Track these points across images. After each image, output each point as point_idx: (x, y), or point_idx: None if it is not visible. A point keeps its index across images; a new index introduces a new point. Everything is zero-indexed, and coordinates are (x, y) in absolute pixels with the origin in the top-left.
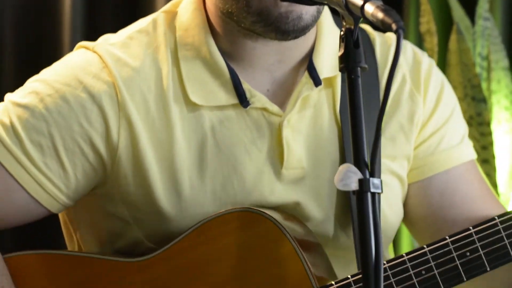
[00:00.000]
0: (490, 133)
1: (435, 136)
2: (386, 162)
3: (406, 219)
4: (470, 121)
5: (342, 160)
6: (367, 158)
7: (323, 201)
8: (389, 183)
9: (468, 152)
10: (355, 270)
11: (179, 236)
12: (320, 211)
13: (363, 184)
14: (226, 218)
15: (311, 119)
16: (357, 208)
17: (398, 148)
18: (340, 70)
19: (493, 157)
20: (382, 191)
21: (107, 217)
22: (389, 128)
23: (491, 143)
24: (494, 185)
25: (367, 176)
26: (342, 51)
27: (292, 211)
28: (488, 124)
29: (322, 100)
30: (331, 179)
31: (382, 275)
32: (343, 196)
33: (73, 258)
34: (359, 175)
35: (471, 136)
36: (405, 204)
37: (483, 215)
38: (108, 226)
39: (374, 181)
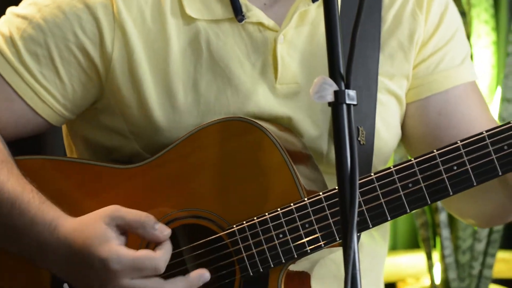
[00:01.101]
0: (469, 47)
1: (435, 56)
2: (383, 80)
3: (404, 139)
4: None
5: None
6: (343, 70)
7: (317, 118)
8: (385, 102)
9: (468, 73)
10: None
11: (171, 145)
12: (313, 127)
13: (338, 95)
14: (216, 127)
15: (308, 36)
16: (332, 119)
17: (396, 66)
18: None
19: None
20: (357, 103)
21: (107, 132)
22: (388, 46)
23: (470, 57)
24: None
25: (343, 87)
26: None
27: (286, 126)
28: (467, 38)
29: (320, 17)
30: None
31: (357, 185)
32: None
33: (69, 164)
34: (334, 87)
35: None
36: (403, 124)
37: None
38: (107, 141)
39: (350, 92)
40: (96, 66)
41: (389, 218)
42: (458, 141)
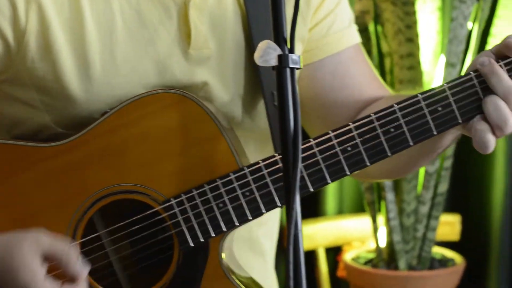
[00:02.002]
0: (414, 13)
1: (328, 18)
2: None
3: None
4: (394, 0)
5: (247, 41)
6: (286, 35)
7: (228, 82)
8: None
9: (355, 35)
10: (270, 151)
11: (98, 120)
12: (225, 92)
13: (282, 59)
14: (146, 100)
15: None
16: (276, 83)
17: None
18: None
19: (417, 36)
20: (301, 67)
21: (13, 103)
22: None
23: (415, 22)
24: (418, 64)
25: (286, 52)
26: None
27: (200, 92)
28: (412, 3)
29: None
30: (237, 59)
31: (300, 148)
32: (250, 77)
33: None
34: (278, 51)
35: (396, 15)
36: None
37: (372, 96)
38: (12, 112)
39: (293, 56)
40: (6, 39)
41: (329, 181)
42: (394, 105)
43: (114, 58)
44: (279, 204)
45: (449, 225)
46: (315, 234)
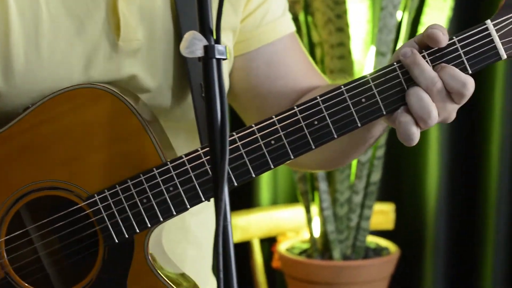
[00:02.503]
0: (344, 2)
1: (261, 8)
2: None
3: (232, 93)
4: None
5: (176, 31)
6: (212, 25)
7: (157, 73)
8: None
9: (290, 24)
10: (197, 143)
11: (20, 115)
12: (155, 83)
13: (208, 50)
14: (68, 95)
15: None
16: (203, 74)
17: (224, 19)
18: None
19: (347, 25)
20: (227, 58)
21: None
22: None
23: (345, 12)
24: (349, 53)
25: (212, 42)
26: None
27: (127, 85)
28: None
29: None
30: (166, 50)
31: (228, 140)
32: (179, 68)
33: None
34: (204, 42)
35: (326, 5)
36: (230, 78)
37: (308, 86)
38: None
39: (219, 47)
40: None
41: (253, 176)
42: (318, 97)
43: (39, 51)
44: (203, 199)
45: (383, 214)
46: (250, 225)
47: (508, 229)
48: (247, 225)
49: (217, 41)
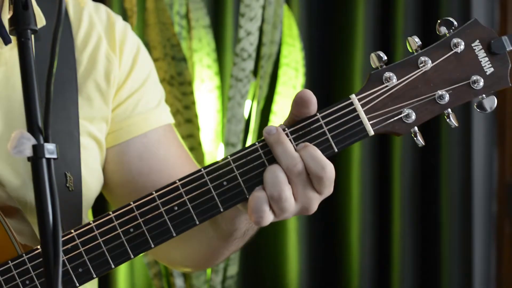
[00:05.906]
0: (192, 92)
1: (131, 98)
2: (84, 123)
3: (106, 187)
4: (171, 81)
5: None
6: (41, 123)
7: (18, 166)
8: (88, 146)
9: (165, 116)
10: None
11: None
12: (15, 176)
13: (37, 150)
14: None
15: (2, 78)
16: (32, 175)
17: (95, 109)
18: (10, 32)
19: (196, 116)
20: (57, 157)
21: None
22: (86, 88)
23: (193, 102)
24: (199, 144)
25: (41, 141)
26: (11, 13)
27: None
28: (189, 83)
29: (14, 59)
30: None
31: (61, 242)
32: None
33: None
34: (33, 141)
35: (173, 96)
36: (104, 171)
37: None
38: None
39: (48, 146)
40: None
41: (113, 266)
42: (177, 181)
43: None
44: None
45: None
46: None
47: None
48: None
49: (46, 139)
